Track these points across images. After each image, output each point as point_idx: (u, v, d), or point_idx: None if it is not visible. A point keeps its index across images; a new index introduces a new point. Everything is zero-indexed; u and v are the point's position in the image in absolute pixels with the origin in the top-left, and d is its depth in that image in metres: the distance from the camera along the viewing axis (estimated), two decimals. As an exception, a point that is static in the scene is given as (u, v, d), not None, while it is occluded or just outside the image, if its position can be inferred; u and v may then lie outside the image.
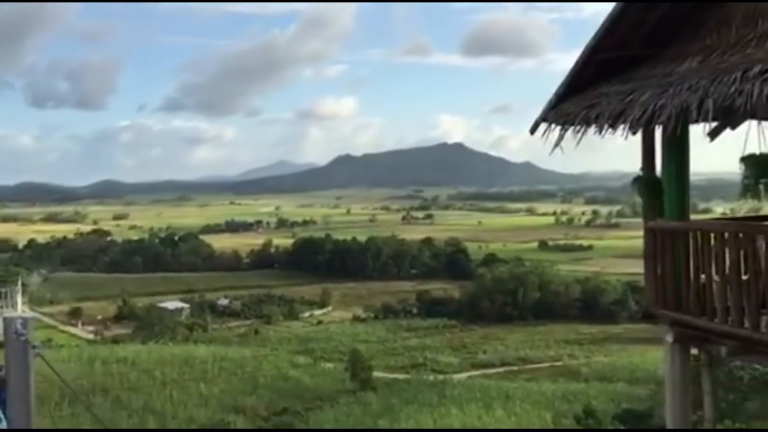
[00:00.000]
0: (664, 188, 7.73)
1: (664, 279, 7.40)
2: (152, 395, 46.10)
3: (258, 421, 42.79)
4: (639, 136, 7.59)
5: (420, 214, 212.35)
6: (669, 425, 7.88)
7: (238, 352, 63.72)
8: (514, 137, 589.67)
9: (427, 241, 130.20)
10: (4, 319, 3.32)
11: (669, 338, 7.53)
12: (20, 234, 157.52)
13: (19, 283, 18.92)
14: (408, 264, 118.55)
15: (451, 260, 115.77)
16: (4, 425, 4.93)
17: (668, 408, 7.97)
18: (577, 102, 7.50)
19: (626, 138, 7.02)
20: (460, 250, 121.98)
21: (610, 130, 6.98)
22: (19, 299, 17.06)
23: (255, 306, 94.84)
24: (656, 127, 7.18)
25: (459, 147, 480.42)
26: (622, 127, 6.89)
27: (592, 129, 7.17)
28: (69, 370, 43.33)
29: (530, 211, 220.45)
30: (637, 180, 8.03)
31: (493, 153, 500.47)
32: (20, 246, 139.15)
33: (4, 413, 4.99)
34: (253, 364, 58.43)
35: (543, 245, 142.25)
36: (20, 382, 3.39)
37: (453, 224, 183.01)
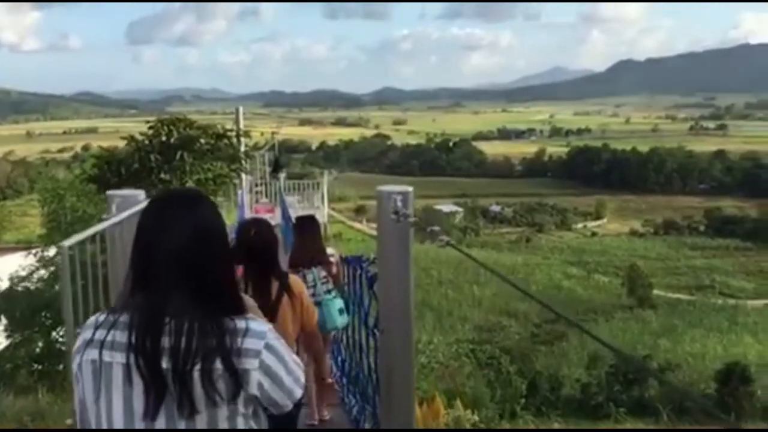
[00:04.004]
0: None
1: None
2: (429, 292, 48.54)
3: (530, 327, 42.95)
4: None
5: (711, 124, 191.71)
6: None
7: (510, 258, 64.27)
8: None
9: (720, 154, 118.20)
10: (379, 193, 2.66)
11: None
12: (313, 136, 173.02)
13: (324, 177, 19.83)
14: (695, 178, 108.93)
15: (747, 176, 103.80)
16: (345, 319, 4.68)
17: None
18: None
19: None
20: (759, 164, 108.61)
21: None
22: (325, 194, 17.91)
23: (527, 214, 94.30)
24: None
25: (765, 48, 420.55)
26: None
27: None
28: (357, 263, 47.06)
29: None
30: None
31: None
32: (313, 147, 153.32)
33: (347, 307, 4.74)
34: (524, 270, 58.60)
35: None
36: (399, 275, 2.84)
37: (751, 136, 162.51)
